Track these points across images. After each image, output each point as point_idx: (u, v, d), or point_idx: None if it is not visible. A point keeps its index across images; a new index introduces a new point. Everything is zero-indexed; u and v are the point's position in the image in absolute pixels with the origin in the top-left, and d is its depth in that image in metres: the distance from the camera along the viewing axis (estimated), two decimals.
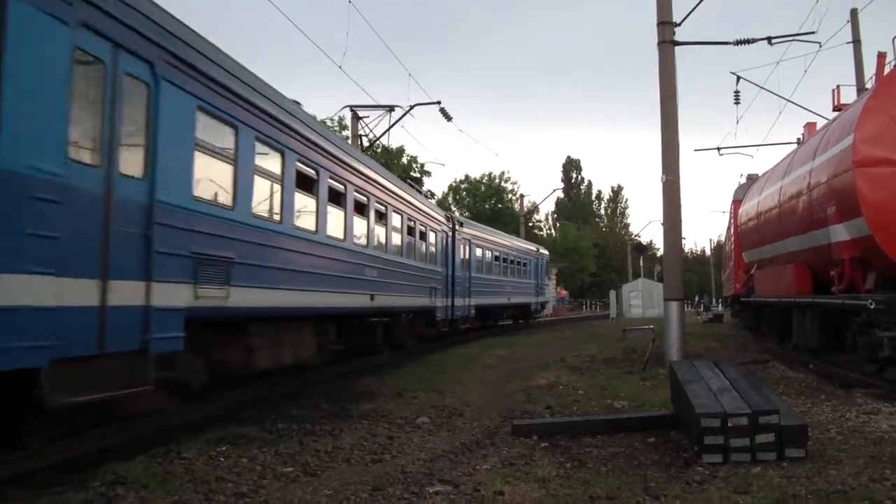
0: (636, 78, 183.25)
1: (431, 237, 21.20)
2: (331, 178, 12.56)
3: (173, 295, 7.57)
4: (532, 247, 40.86)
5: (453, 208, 60.27)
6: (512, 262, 34.15)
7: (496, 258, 30.77)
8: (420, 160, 55.98)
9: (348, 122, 28.31)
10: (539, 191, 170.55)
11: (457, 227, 25.08)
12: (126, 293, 6.86)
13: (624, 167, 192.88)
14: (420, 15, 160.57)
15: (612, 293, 58.69)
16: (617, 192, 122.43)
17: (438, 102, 27.70)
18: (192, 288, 7.97)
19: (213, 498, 5.79)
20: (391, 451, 7.60)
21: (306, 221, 11.53)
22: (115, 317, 6.69)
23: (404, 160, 54.02)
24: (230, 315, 9.28)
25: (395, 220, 17.19)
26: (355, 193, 13.97)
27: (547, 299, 45.41)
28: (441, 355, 19.93)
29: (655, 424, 8.41)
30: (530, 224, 69.33)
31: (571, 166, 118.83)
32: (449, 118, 28.44)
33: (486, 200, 69.67)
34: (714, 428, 6.71)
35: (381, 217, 16.02)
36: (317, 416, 9.65)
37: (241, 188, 9.25)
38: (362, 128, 25.78)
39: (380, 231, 15.88)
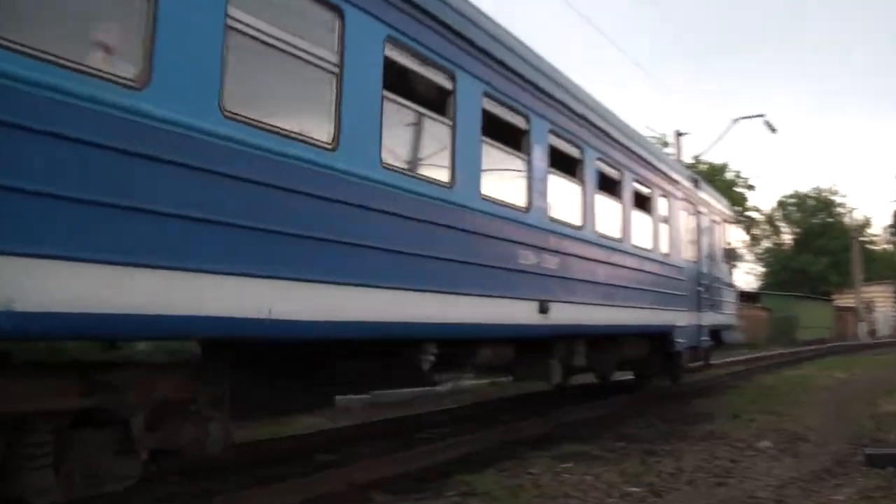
0: None
1: None
2: None
3: None
4: (685, 175, 14.33)
5: (782, 224, 56.55)
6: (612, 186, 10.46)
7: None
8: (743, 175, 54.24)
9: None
10: (871, 203, 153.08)
11: None
12: None
13: None
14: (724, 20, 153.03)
15: None
16: None
17: (762, 115, 26.84)
18: None
19: None
20: (735, 475, 7.31)
21: None
22: None
23: (729, 175, 52.63)
24: None
25: None
26: None
27: (731, 322, 16.73)
28: (772, 376, 18.84)
29: None
30: (862, 238, 63.06)
31: None
32: (774, 130, 27.59)
33: (814, 214, 64.81)
34: None
35: None
36: (653, 436, 9.62)
37: None
38: None
39: None
